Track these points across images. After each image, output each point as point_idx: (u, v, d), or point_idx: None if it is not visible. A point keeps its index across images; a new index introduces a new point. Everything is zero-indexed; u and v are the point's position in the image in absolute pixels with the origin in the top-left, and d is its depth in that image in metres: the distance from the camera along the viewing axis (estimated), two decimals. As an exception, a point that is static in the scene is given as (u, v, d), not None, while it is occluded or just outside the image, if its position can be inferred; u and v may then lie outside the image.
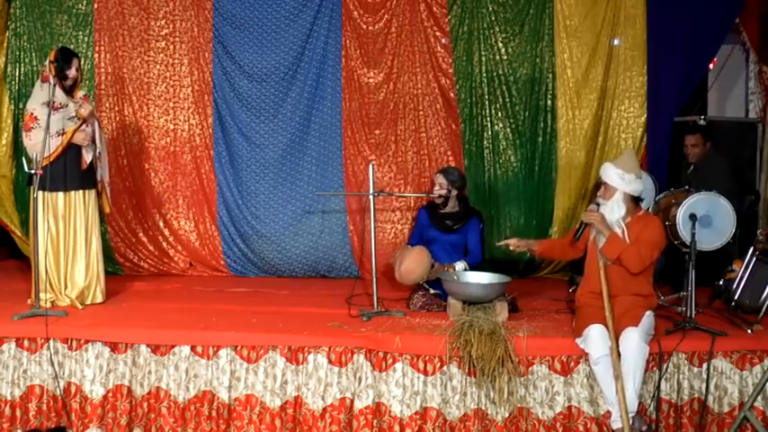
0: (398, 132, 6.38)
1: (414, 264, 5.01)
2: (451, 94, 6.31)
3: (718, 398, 4.28)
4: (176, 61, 6.38)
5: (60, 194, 4.97)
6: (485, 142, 6.35)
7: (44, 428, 4.35)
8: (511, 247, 4.69)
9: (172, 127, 6.41)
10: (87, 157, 5.01)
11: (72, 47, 5.97)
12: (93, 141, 5.05)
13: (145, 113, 6.39)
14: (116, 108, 6.36)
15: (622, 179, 4.27)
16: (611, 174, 4.30)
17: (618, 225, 4.28)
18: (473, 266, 5.19)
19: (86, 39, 6.31)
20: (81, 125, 4.98)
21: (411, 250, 5.11)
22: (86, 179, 5.07)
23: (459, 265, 5.14)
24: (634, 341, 4.03)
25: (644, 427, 4.07)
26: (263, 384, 4.33)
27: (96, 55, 6.30)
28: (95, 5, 6.28)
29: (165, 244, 6.45)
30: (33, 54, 6.30)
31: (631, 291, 4.28)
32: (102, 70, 6.32)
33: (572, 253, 4.67)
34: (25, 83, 6.29)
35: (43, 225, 4.88)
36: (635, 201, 4.36)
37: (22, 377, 4.43)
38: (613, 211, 4.29)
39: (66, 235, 5.01)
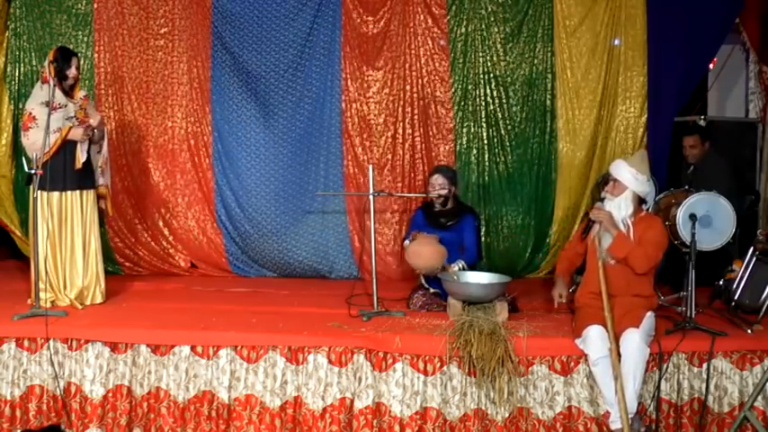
0: (398, 133, 6.37)
1: (425, 249, 4.93)
2: (448, 95, 6.31)
3: (718, 398, 4.28)
4: (175, 60, 6.37)
5: (56, 194, 4.96)
6: (484, 143, 6.34)
7: (38, 429, 4.34)
8: (564, 301, 4.55)
9: (171, 125, 6.41)
10: (82, 156, 4.97)
11: (71, 46, 5.96)
12: (92, 143, 5.05)
13: (144, 112, 6.38)
14: (115, 107, 6.36)
15: (636, 179, 4.27)
16: (624, 171, 4.30)
17: (624, 223, 4.29)
18: (471, 265, 5.17)
19: (86, 38, 6.30)
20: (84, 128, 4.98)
21: (431, 239, 5.02)
22: (84, 180, 5.06)
23: (456, 266, 5.10)
24: (635, 342, 4.02)
25: (642, 429, 4.07)
26: (262, 384, 4.33)
27: (96, 54, 6.30)
28: (95, 5, 6.28)
29: (165, 243, 6.45)
30: (33, 54, 6.29)
31: (633, 291, 4.28)
32: (102, 69, 6.32)
33: (580, 258, 4.63)
34: (25, 83, 6.28)
35: (42, 225, 4.88)
36: (640, 202, 4.37)
37: (22, 377, 4.43)
38: (620, 208, 4.29)
39: (64, 235, 5.00)
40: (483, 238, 6.25)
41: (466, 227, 5.26)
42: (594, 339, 4.09)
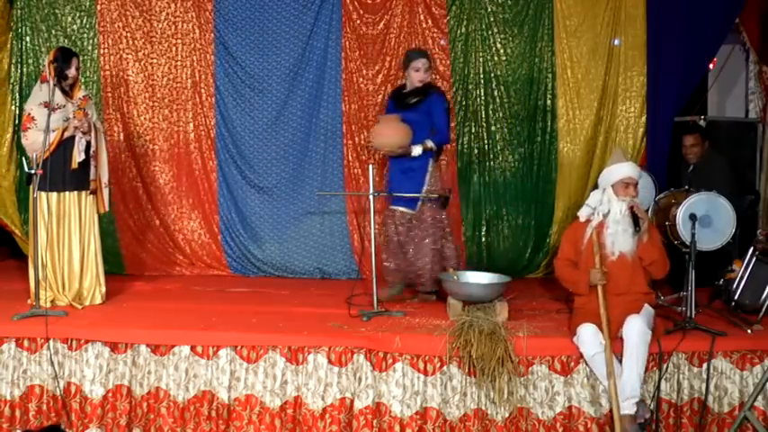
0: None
1: (385, 127, 5.09)
2: (449, 95, 6.30)
3: (718, 398, 4.28)
4: (179, 63, 6.38)
5: (54, 195, 4.96)
6: (484, 143, 6.34)
7: (38, 429, 4.34)
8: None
9: (175, 128, 6.41)
10: (78, 156, 4.96)
11: (76, 49, 5.97)
12: (89, 143, 5.04)
13: (149, 115, 6.38)
14: (120, 109, 6.36)
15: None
16: (638, 173, 4.40)
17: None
18: (439, 146, 5.23)
19: (90, 41, 6.31)
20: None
21: (392, 117, 5.17)
22: (81, 180, 5.05)
23: (420, 147, 5.09)
24: (637, 325, 4.03)
25: (648, 415, 4.05)
26: (262, 384, 4.33)
27: (102, 57, 6.30)
28: (98, 7, 6.28)
29: (167, 244, 6.45)
30: (37, 55, 6.29)
31: (635, 289, 4.32)
32: (108, 72, 6.32)
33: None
34: (27, 83, 6.27)
35: (41, 225, 4.87)
36: None
37: (22, 377, 4.43)
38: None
39: (62, 236, 5.00)
40: (483, 237, 6.29)
41: (434, 107, 5.20)
42: (588, 337, 4.11)
